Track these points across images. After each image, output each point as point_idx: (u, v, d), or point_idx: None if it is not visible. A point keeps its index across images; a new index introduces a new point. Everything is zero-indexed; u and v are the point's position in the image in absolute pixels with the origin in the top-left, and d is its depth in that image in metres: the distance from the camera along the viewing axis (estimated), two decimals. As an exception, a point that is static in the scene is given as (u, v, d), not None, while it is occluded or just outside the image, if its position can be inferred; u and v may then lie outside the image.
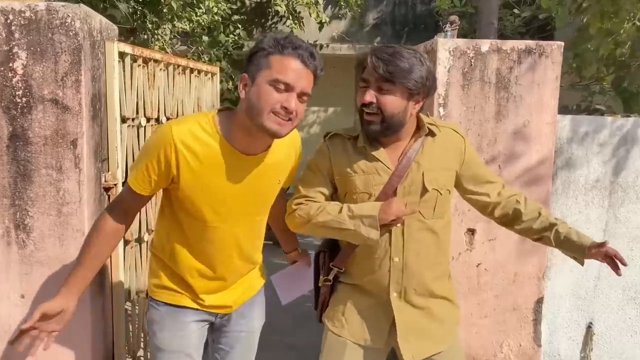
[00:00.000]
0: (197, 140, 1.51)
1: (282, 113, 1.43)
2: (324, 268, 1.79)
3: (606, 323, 2.49)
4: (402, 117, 1.59)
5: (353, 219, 1.58)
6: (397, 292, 1.66)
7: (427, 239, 1.66)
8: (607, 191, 2.41)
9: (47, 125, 1.97)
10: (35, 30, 1.92)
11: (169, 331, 1.69)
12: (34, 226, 2.01)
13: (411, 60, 1.55)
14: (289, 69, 1.42)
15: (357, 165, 1.66)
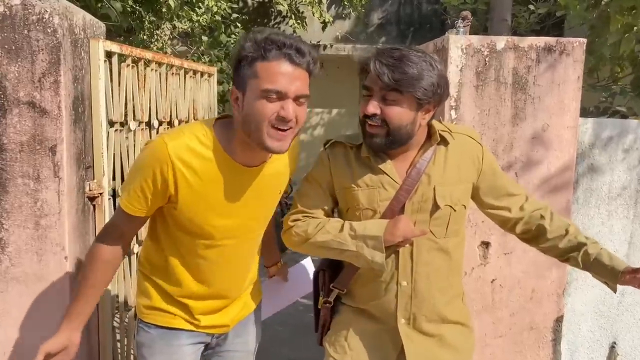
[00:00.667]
0: (196, 156, 1.37)
1: (280, 124, 1.30)
2: (323, 289, 1.63)
3: (631, 343, 2.31)
4: (410, 129, 1.42)
5: (355, 239, 1.41)
6: (405, 318, 1.49)
7: (438, 260, 1.49)
8: (632, 200, 2.23)
9: (23, 131, 1.81)
10: (9, 27, 1.77)
11: (161, 355, 1.55)
12: (9, 240, 1.85)
13: (420, 65, 1.37)
14: (277, 74, 1.27)
15: (360, 178, 1.49)
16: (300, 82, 1.30)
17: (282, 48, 1.28)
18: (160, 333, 1.55)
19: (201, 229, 1.44)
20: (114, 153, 2.17)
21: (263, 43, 1.29)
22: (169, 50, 5.82)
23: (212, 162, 1.38)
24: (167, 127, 2.61)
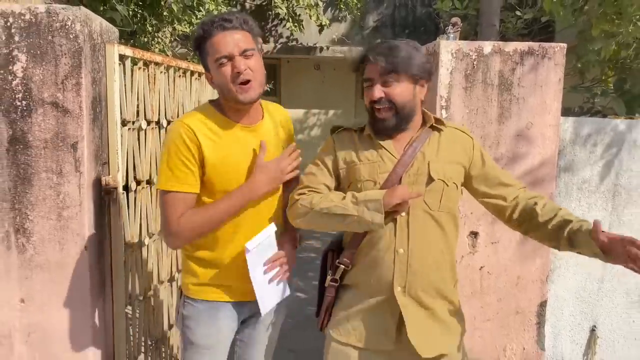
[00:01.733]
0: (206, 122, 1.67)
1: (238, 77, 1.60)
2: (332, 267, 1.75)
3: (610, 327, 2.47)
4: (412, 104, 1.62)
5: (357, 204, 1.55)
6: (401, 286, 1.60)
7: (434, 232, 1.62)
8: (610, 194, 2.39)
9: (47, 129, 1.96)
10: (35, 33, 1.91)
11: (206, 327, 1.75)
12: (33, 230, 1.99)
13: (408, 49, 1.60)
14: (219, 44, 1.59)
15: (362, 154, 1.66)
16: (239, 39, 1.60)
17: (214, 24, 1.59)
18: (205, 307, 1.74)
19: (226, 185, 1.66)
20: (126, 150, 2.32)
21: (204, 28, 1.61)
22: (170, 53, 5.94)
23: (220, 124, 1.68)
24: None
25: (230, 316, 1.77)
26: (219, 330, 1.76)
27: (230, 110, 1.70)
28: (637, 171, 2.38)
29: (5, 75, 1.92)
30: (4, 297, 2.01)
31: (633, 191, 2.39)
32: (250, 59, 1.62)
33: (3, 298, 2.01)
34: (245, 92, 1.61)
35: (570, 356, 2.47)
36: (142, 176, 2.44)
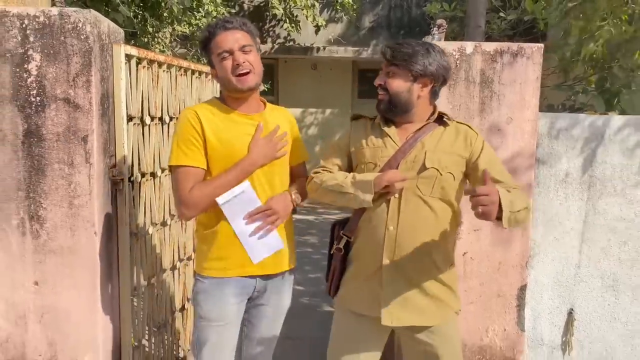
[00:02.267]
0: (210, 109, 1.92)
1: (237, 69, 1.83)
2: (337, 238, 1.95)
3: (586, 309, 2.63)
4: (407, 96, 1.80)
5: (354, 184, 1.76)
6: (389, 259, 1.78)
7: (424, 214, 1.77)
8: (586, 185, 2.55)
9: (59, 123, 2.11)
10: (48, 34, 2.06)
11: (212, 301, 1.91)
12: (47, 217, 2.14)
13: (416, 48, 1.77)
14: (221, 42, 1.85)
15: (370, 139, 1.87)
16: (238, 37, 1.85)
17: (217, 26, 1.86)
18: (211, 282, 1.92)
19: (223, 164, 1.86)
20: (132, 144, 2.46)
21: (209, 31, 1.89)
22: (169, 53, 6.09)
23: (223, 111, 1.91)
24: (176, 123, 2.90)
25: (235, 292, 1.92)
26: (225, 304, 1.91)
27: (230, 100, 1.93)
28: (611, 163, 2.53)
29: (20, 73, 2.07)
30: (19, 280, 2.16)
31: (607, 182, 2.55)
32: (248, 54, 1.86)
33: (18, 281, 2.16)
34: (243, 81, 1.85)
35: (549, 337, 2.63)
36: (146, 169, 2.58)
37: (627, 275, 2.60)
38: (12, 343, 2.18)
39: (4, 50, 2.05)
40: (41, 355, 2.19)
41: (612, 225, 2.57)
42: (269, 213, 1.89)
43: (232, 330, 1.95)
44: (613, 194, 2.56)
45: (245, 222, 1.87)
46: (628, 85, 3.14)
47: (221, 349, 1.95)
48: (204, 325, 1.94)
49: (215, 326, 1.93)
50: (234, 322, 1.96)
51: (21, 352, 2.18)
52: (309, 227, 7.20)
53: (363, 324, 1.87)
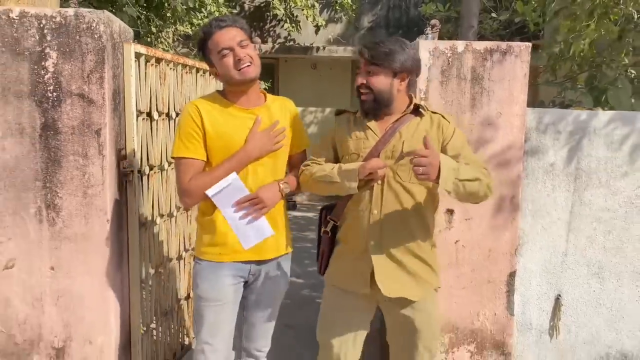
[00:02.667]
0: (210, 103, 2.04)
1: (239, 63, 1.94)
2: (324, 222, 2.12)
3: (573, 295, 2.76)
4: (389, 92, 1.93)
5: (340, 174, 1.91)
6: (374, 240, 1.95)
7: (405, 199, 1.94)
8: (572, 176, 2.68)
9: (74, 117, 2.24)
10: (64, 33, 2.19)
11: (209, 282, 2.04)
12: (62, 206, 2.27)
13: (392, 46, 1.90)
14: (218, 41, 1.95)
15: (353, 132, 2.01)
16: (234, 33, 1.95)
17: (212, 26, 1.97)
18: (209, 265, 2.05)
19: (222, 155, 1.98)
20: (140, 138, 2.59)
21: (205, 32, 1.99)
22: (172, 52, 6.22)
23: (223, 105, 2.02)
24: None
25: (230, 274, 2.05)
26: (222, 285, 2.04)
27: (231, 94, 2.04)
28: (596, 156, 2.67)
29: (38, 70, 2.20)
30: (36, 265, 2.29)
31: (592, 174, 2.68)
32: (246, 48, 1.97)
33: (36, 266, 2.29)
34: (246, 73, 1.95)
35: (537, 321, 2.76)
36: (154, 162, 2.71)
37: (612, 262, 2.73)
38: (29, 324, 2.31)
39: (22, 48, 2.18)
40: (57, 336, 2.32)
41: (597, 215, 2.70)
42: (256, 202, 2.00)
43: (229, 309, 2.07)
44: (598, 186, 2.69)
45: (234, 210, 2.01)
46: (614, 82, 3.27)
47: (219, 327, 2.07)
48: (202, 306, 2.06)
49: (213, 306, 2.05)
50: (231, 302, 2.07)
51: (38, 333, 2.31)
52: (309, 223, 7.34)
53: (350, 299, 2.04)
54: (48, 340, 2.32)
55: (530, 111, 2.61)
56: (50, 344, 2.32)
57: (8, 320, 2.30)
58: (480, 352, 2.62)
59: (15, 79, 2.19)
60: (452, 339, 2.61)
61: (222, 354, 2.09)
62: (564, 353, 2.79)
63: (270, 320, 2.22)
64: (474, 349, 2.62)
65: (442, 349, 2.59)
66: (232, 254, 2.04)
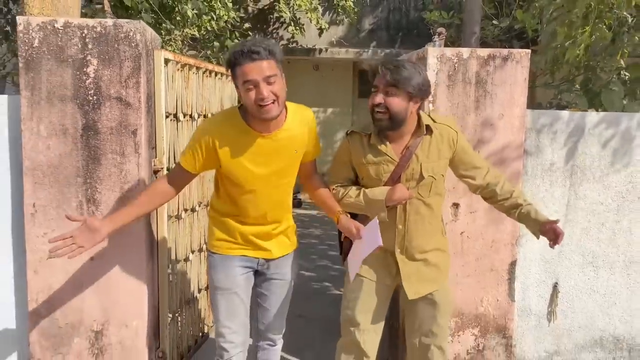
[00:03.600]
0: (229, 129, 2.05)
1: (261, 101, 1.90)
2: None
3: (569, 283, 2.97)
4: (404, 114, 2.06)
5: (367, 203, 2.13)
6: (400, 249, 2.20)
7: (423, 211, 2.18)
8: (568, 173, 2.89)
9: (112, 118, 2.43)
10: (104, 42, 2.39)
11: (222, 272, 2.21)
12: (101, 200, 2.47)
13: (411, 71, 2.02)
14: (246, 72, 1.89)
15: (369, 157, 2.17)
16: (263, 68, 1.88)
17: (243, 54, 1.88)
18: (220, 257, 2.21)
19: (237, 179, 2.08)
20: (168, 138, 2.79)
21: (234, 56, 1.91)
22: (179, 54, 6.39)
23: (239, 132, 2.04)
24: (203, 119, 3.23)
25: (240, 265, 2.21)
26: (234, 275, 2.20)
27: (252, 120, 2.02)
28: (590, 154, 2.88)
29: (80, 75, 2.40)
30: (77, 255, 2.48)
31: (587, 170, 2.89)
32: (273, 84, 1.91)
33: (77, 256, 2.47)
34: (266, 112, 1.92)
35: (536, 307, 2.98)
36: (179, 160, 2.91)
37: (605, 252, 2.95)
38: (71, 309, 2.51)
39: (66, 56, 2.37)
40: (95, 320, 2.52)
41: (592, 209, 2.92)
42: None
43: (241, 296, 2.23)
44: (592, 181, 2.90)
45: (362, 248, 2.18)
46: (608, 85, 3.49)
47: (234, 312, 2.23)
48: (217, 294, 2.23)
49: (227, 294, 2.21)
50: (243, 290, 2.24)
51: (79, 317, 2.51)
52: (313, 220, 7.56)
53: (374, 287, 2.25)
54: (88, 324, 2.52)
55: (530, 112, 2.82)
56: (89, 327, 2.52)
57: (51, 305, 2.49)
58: (483, 336, 2.84)
59: (59, 83, 2.39)
60: (458, 323, 2.82)
61: (240, 335, 2.27)
62: (560, 337, 3.00)
63: (284, 303, 2.36)
64: (478, 333, 2.83)
65: (449, 332, 2.81)
66: (240, 249, 2.21)
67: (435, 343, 2.25)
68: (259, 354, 2.37)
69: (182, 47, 6.44)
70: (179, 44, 6.23)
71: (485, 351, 2.84)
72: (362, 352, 2.26)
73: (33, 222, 2.45)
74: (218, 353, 2.26)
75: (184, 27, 6.09)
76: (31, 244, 2.46)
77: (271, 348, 2.37)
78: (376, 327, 2.28)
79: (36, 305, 2.49)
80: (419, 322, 2.27)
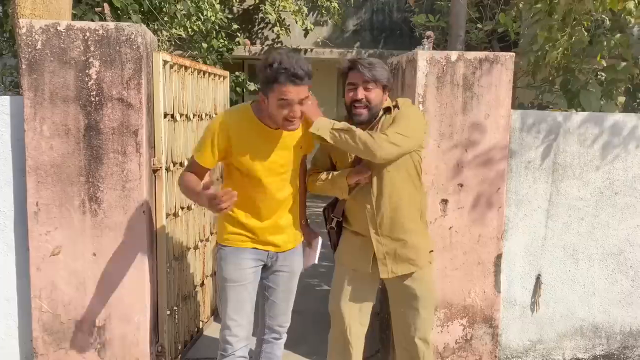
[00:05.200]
0: (242, 121, 2.20)
1: (291, 119, 2.08)
2: (328, 219, 2.48)
3: (551, 275, 3.12)
4: (380, 105, 2.29)
5: (332, 182, 2.29)
6: (374, 230, 2.31)
7: (392, 189, 2.28)
8: (550, 170, 3.04)
9: (114, 119, 2.50)
10: (106, 45, 2.46)
11: (232, 265, 2.29)
12: (103, 198, 2.54)
13: (381, 67, 2.25)
14: (287, 92, 2.03)
15: None
16: (301, 92, 2.05)
17: (289, 76, 2.00)
18: (231, 250, 2.30)
19: (248, 169, 2.21)
20: (166, 138, 2.86)
21: (276, 72, 2.00)
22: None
23: (251, 125, 2.18)
24: (199, 120, 3.31)
25: (251, 257, 2.30)
26: (243, 268, 2.29)
27: (266, 116, 2.17)
28: (570, 152, 3.04)
29: (83, 77, 2.46)
30: (80, 251, 2.55)
31: (568, 168, 3.05)
32: (304, 104, 2.09)
33: (79, 252, 2.55)
34: (290, 126, 2.12)
35: (521, 298, 3.12)
36: (176, 159, 2.98)
37: (585, 245, 3.11)
38: (73, 305, 2.57)
39: (69, 58, 2.43)
40: (98, 315, 2.58)
41: (572, 204, 3.08)
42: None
43: (249, 289, 2.32)
44: (572, 178, 3.06)
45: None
46: (586, 86, 3.66)
47: (242, 304, 2.32)
48: (226, 286, 2.31)
49: (236, 286, 2.30)
50: (251, 283, 2.33)
51: (81, 313, 2.57)
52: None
53: (356, 276, 2.39)
54: (90, 319, 2.58)
55: (514, 113, 2.96)
56: (92, 323, 2.58)
57: (54, 301, 2.55)
58: (471, 326, 2.97)
59: (62, 85, 2.45)
60: (447, 314, 2.94)
61: (245, 328, 2.35)
62: (543, 326, 3.15)
63: (289, 297, 2.47)
64: (466, 323, 2.96)
65: (438, 323, 2.93)
66: (251, 242, 2.30)
67: (419, 336, 2.38)
68: (263, 346, 2.45)
69: (169, 47, 6.47)
70: (166, 45, 6.26)
71: (472, 340, 2.97)
72: (347, 341, 2.40)
73: (36, 220, 2.51)
74: (222, 347, 2.33)
75: (171, 28, 6.13)
76: (34, 242, 2.52)
77: (276, 342, 2.45)
78: (361, 318, 2.41)
79: (39, 301, 2.55)
80: (402, 315, 2.39)
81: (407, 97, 2.91)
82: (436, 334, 2.91)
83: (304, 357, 3.30)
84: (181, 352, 3.16)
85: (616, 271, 3.16)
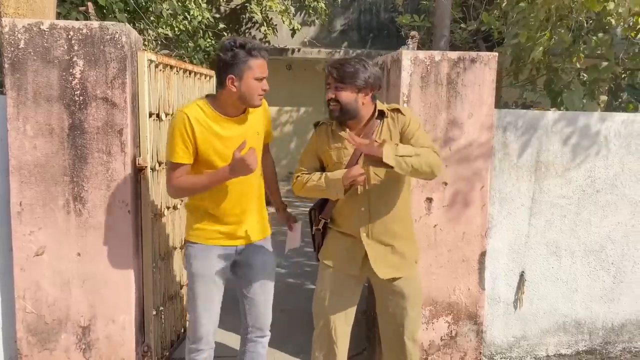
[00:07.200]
0: (200, 114, 2.19)
1: (262, 92, 2.19)
2: (315, 220, 2.45)
3: (534, 272, 3.17)
4: (354, 105, 2.26)
5: (327, 183, 2.26)
6: (365, 232, 2.31)
7: (386, 193, 2.30)
8: (532, 168, 3.09)
9: (99, 118, 2.49)
10: (90, 44, 2.45)
11: (200, 260, 2.29)
12: (88, 198, 2.53)
13: (356, 67, 2.22)
14: (262, 67, 2.17)
15: (332, 143, 2.34)
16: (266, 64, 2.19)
17: (259, 50, 2.15)
18: (199, 247, 2.29)
19: (212, 161, 2.20)
20: (151, 137, 2.85)
21: (247, 49, 2.13)
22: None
23: (210, 117, 2.20)
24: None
25: (218, 254, 2.30)
26: (212, 263, 2.29)
27: (225, 105, 2.21)
28: (553, 150, 3.08)
29: (66, 76, 2.45)
30: (64, 251, 2.54)
31: (550, 166, 3.09)
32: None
33: (64, 252, 2.54)
34: (260, 101, 2.23)
35: (505, 295, 3.16)
36: (162, 159, 2.98)
37: (567, 243, 3.16)
38: (58, 305, 2.55)
39: (52, 57, 2.42)
40: (83, 315, 2.57)
41: (555, 202, 3.12)
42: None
43: (218, 285, 2.32)
44: (555, 176, 3.10)
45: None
46: (569, 85, 3.72)
47: (210, 300, 2.32)
48: (195, 282, 2.31)
49: (205, 281, 2.30)
50: (220, 279, 2.32)
51: (66, 313, 2.56)
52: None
53: (342, 278, 2.37)
54: (75, 319, 2.57)
55: (497, 112, 3.00)
56: (77, 323, 2.57)
57: (38, 302, 2.54)
58: (456, 322, 3.00)
59: (46, 84, 2.44)
60: (432, 311, 2.97)
61: (213, 323, 2.36)
62: (527, 322, 3.20)
63: (267, 292, 2.45)
64: (451, 320, 2.99)
65: (424, 320, 2.96)
66: (219, 239, 2.30)
67: (407, 335, 2.40)
68: (247, 345, 2.45)
69: (155, 47, 6.44)
70: (153, 44, 6.23)
71: (457, 337, 3.00)
72: (332, 341, 2.40)
73: (20, 220, 2.49)
74: (192, 341, 2.35)
75: (158, 27, 6.11)
76: (17, 242, 2.50)
77: (259, 340, 2.45)
78: (346, 317, 2.41)
79: (23, 302, 2.53)
80: (391, 315, 2.40)
81: (393, 97, 2.94)
82: (421, 331, 2.94)
83: (290, 356, 3.31)
84: (168, 351, 3.16)
85: (598, 268, 3.21)
